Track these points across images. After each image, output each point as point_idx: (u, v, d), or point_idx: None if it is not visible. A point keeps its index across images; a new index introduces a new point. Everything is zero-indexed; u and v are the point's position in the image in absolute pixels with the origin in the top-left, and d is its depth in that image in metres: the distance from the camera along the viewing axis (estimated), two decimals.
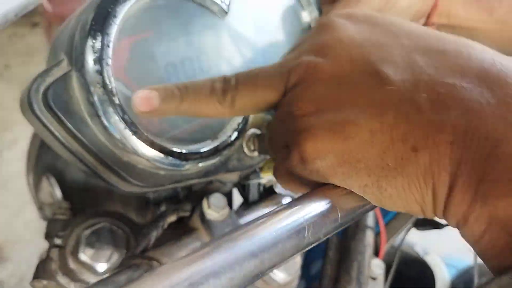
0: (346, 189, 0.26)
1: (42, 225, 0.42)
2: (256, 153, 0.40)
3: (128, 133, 0.31)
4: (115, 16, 0.31)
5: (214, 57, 0.37)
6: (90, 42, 0.30)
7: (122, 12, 0.31)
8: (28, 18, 2.33)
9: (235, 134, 0.37)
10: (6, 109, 1.85)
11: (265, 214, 0.25)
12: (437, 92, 0.23)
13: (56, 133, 0.31)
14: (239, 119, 0.38)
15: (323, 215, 0.26)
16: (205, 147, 0.36)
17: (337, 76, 0.26)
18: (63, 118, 0.30)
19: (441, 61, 0.24)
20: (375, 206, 0.28)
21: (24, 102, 0.31)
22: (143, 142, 0.32)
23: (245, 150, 0.39)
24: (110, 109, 0.30)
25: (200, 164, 0.36)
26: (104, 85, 0.30)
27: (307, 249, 0.26)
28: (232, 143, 0.37)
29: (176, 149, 0.34)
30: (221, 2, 0.37)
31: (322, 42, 0.28)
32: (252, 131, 0.39)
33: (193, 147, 0.35)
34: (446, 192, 0.23)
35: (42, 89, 0.30)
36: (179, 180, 0.37)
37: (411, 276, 0.76)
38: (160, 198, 0.46)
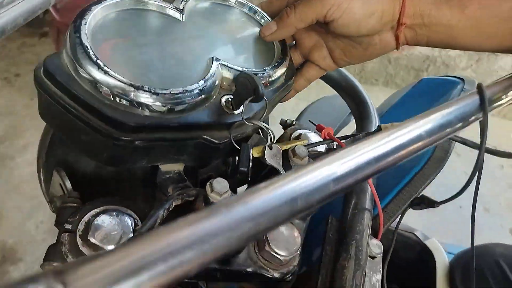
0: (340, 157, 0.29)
1: (53, 227, 0.44)
2: (236, 111, 0.43)
3: (99, 73, 0.38)
4: (90, 10, 0.43)
5: (185, 56, 0.45)
6: (72, 24, 0.41)
7: (96, 9, 0.43)
8: (36, 29, 2.40)
9: (202, 83, 0.42)
10: (17, 116, 1.90)
11: (261, 183, 0.27)
12: None
13: (53, 94, 0.39)
14: (207, 75, 0.43)
15: (315, 184, 0.28)
16: (174, 89, 0.40)
17: None
18: (57, 76, 0.39)
19: None
20: (367, 177, 0.30)
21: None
22: (109, 76, 0.38)
23: (226, 110, 0.43)
24: (83, 54, 0.39)
25: (177, 108, 0.40)
26: (81, 42, 0.40)
27: (300, 215, 0.28)
28: (201, 91, 0.41)
29: (138, 82, 0.39)
30: (175, 9, 0.48)
31: None
32: (226, 97, 0.44)
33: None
34: None
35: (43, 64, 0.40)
36: (161, 124, 0.40)
37: (412, 260, 0.78)
38: (167, 183, 0.48)
